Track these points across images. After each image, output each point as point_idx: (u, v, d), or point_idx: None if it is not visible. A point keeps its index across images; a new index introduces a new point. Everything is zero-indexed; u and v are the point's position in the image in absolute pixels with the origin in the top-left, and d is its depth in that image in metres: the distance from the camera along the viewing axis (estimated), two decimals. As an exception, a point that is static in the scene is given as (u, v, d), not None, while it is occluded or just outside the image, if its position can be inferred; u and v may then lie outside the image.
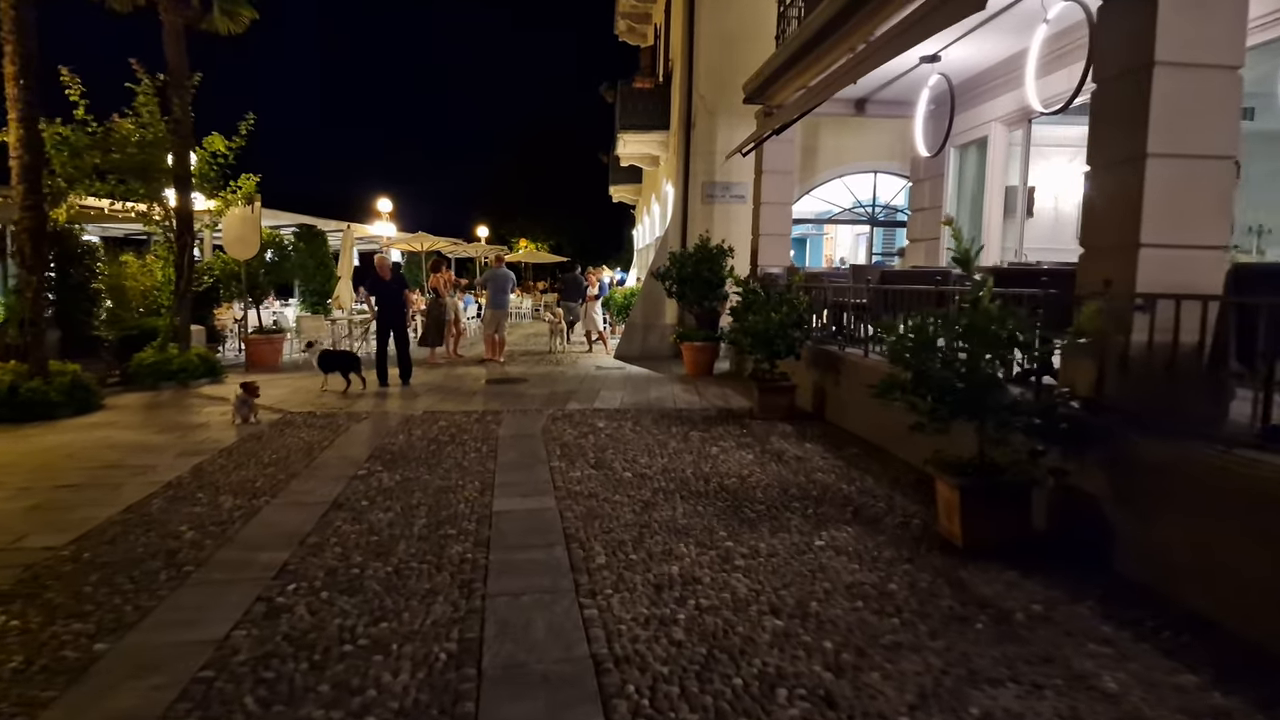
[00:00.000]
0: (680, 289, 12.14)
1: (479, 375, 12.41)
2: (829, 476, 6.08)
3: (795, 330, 8.06)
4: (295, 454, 7.02)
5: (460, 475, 6.23)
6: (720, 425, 8.15)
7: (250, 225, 13.17)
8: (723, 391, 10.50)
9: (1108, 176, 4.57)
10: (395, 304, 11.08)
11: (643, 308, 14.89)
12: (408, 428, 8.16)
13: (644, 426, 8.14)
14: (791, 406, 8.36)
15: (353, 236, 18.57)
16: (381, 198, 22.08)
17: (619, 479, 6.06)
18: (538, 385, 11.22)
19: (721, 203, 14.61)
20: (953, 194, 11.37)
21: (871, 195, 15.03)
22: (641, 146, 16.34)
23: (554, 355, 15.53)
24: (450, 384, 11.43)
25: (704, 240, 12.06)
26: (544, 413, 8.99)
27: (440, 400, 9.94)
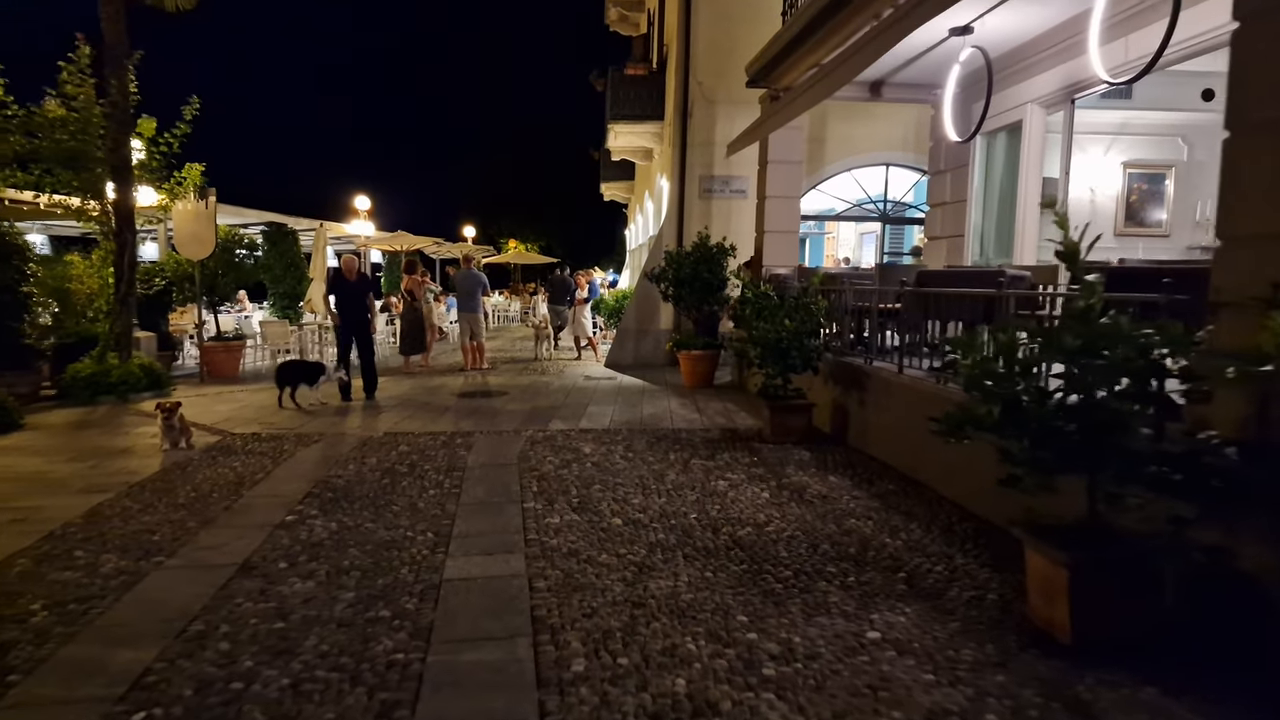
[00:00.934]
0: (677, 292, 11.01)
1: (455, 387, 11.24)
2: (865, 524, 4.94)
3: (813, 340, 6.94)
4: (220, 490, 5.84)
5: (412, 521, 5.07)
6: (726, 450, 7.01)
7: (204, 222, 11.97)
8: (725, 407, 9.36)
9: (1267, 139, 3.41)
10: (358, 308, 9.90)
11: (636, 312, 13.75)
12: (361, 454, 6.99)
13: (637, 452, 6.99)
14: (808, 428, 7.22)
15: (326, 236, 17.36)
16: (359, 195, 20.87)
17: (607, 528, 4.91)
18: (518, 399, 10.06)
19: (721, 198, 13.48)
20: (979, 187, 10.26)
21: (883, 190, 13.94)
22: (634, 139, 15.23)
23: (539, 363, 14.37)
24: (421, 397, 10.25)
25: (703, 238, 10.94)
26: (522, 434, 7.83)
27: (406, 418, 8.76)
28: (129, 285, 10.60)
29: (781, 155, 10.53)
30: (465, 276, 13.26)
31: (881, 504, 5.36)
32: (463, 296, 13.20)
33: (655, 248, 13.70)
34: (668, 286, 11.18)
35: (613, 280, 29.74)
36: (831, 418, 7.48)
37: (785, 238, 10.71)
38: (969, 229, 10.30)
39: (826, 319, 7.13)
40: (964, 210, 10.36)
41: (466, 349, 13.27)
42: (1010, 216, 9.60)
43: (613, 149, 17.38)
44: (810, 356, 6.89)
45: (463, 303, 13.22)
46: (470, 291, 13.16)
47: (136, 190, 11.79)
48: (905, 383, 6.10)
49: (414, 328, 13.29)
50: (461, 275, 13.32)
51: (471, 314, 13.19)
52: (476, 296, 13.24)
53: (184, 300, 13.18)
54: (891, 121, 13.38)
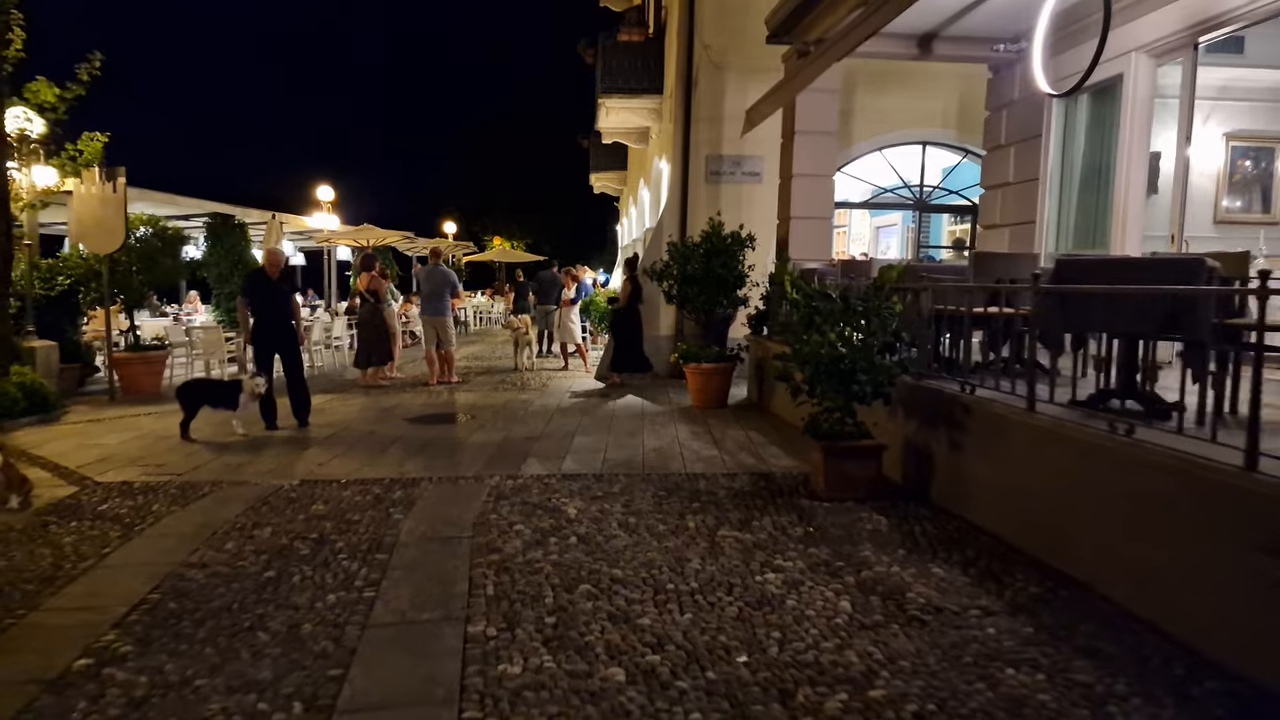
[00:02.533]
0: (683, 291, 9.04)
1: (414, 407, 9.22)
2: (1035, 681, 2.97)
3: (887, 357, 4.98)
4: (10, 593, 3.82)
5: (278, 672, 3.07)
6: (765, 510, 5.04)
7: (112, 208, 9.92)
8: (748, 437, 7.39)
9: None
10: (281, 313, 7.88)
11: (631, 315, 11.75)
12: (254, 520, 4.98)
13: (642, 514, 5.01)
14: (876, 478, 5.26)
15: (280, 229, 15.29)
16: (322, 185, 18.79)
17: (601, 691, 2.92)
18: (488, 424, 8.05)
19: (732, 182, 11.53)
20: (1055, 163, 8.34)
21: (919, 173, 12.01)
22: (628, 116, 13.27)
23: (519, 375, 12.36)
24: (366, 422, 8.22)
25: (716, 226, 8.96)
26: (485, 482, 5.84)
27: (338, 455, 6.75)
28: (3, 285, 8.53)
29: (812, 123, 8.59)
30: (431, 274, 11.25)
31: (1036, 627, 3.39)
32: (428, 298, 11.19)
33: (653, 241, 11.73)
34: (672, 285, 9.21)
35: (603, 280, 27.73)
36: (904, 462, 5.52)
37: (816, 225, 8.77)
38: (1043, 215, 8.38)
39: (903, 328, 5.14)
40: (1034, 192, 8.43)
41: (432, 359, 11.25)
42: (1102, 199, 7.68)
43: (604, 130, 15.37)
44: (883, 381, 4.93)
45: (428, 305, 11.21)
46: (436, 291, 11.14)
47: (26, 169, 9.75)
48: (1041, 425, 4.14)
49: (375, 334, 11.26)
50: (427, 273, 11.30)
51: (438, 318, 11.18)
52: (444, 298, 11.23)
53: (93, 302, 11.08)
54: (930, 92, 11.45)
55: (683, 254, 8.90)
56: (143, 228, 10.67)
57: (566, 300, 12.85)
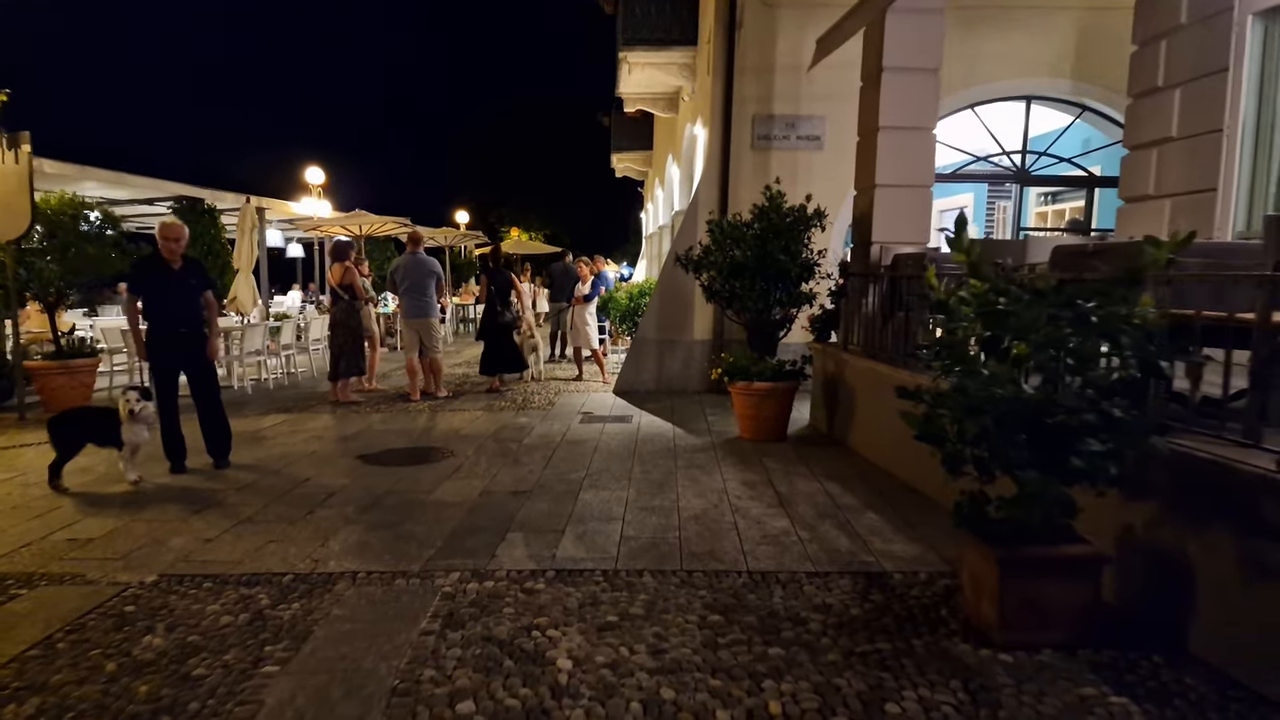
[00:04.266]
0: (728, 285, 6.84)
1: (378, 434, 7.14)
2: None
3: (1126, 407, 2.76)
4: None
5: None
6: (896, 670, 2.87)
7: (14, 184, 7.98)
8: (825, 492, 5.20)
9: None
10: (185, 316, 5.82)
11: (658, 314, 9.61)
12: (23, 675, 2.90)
13: (684, 670, 2.87)
14: (1090, 608, 3.05)
15: (253, 215, 13.28)
16: (311, 167, 16.80)
17: None
18: (467, 467, 5.93)
19: (784, 147, 9.30)
20: (1249, 107, 6.04)
21: (1021, 136, 9.66)
22: (655, 75, 11.08)
23: (523, 386, 10.26)
24: (308, 461, 6.13)
25: (774, 197, 6.71)
26: (434, 583, 3.73)
27: (242, 521, 4.66)
28: None
29: (907, 56, 6.35)
30: (412, 266, 9.16)
31: None
32: (408, 294, 9.11)
33: (685, 225, 9.55)
34: (714, 277, 7.01)
35: (626, 274, 25.55)
36: (1131, 578, 3.30)
37: (911, 197, 6.54)
38: (1231, 181, 6.08)
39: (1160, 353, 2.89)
40: (1214, 151, 6.13)
41: (414, 369, 9.18)
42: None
43: (626, 96, 13.18)
44: (1125, 446, 2.72)
45: (408, 303, 9.14)
46: (418, 286, 9.07)
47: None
48: None
49: (349, 339, 9.20)
50: (405, 264, 9.21)
51: (420, 319, 9.11)
52: (428, 293, 9.15)
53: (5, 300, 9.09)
54: (1038, 31, 9.11)
55: (729, 236, 6.69)
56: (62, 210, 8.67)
57: (580, 296, 10.72)
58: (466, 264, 24.30)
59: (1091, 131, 10.03)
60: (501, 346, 9.86)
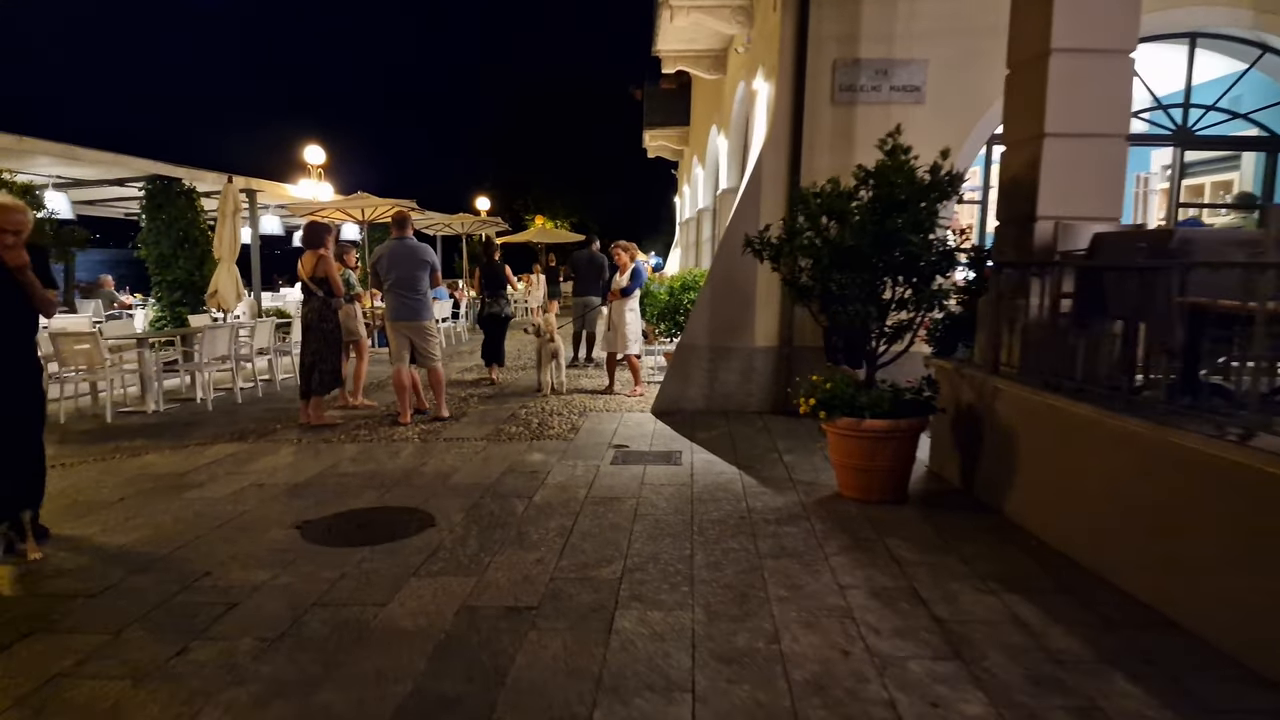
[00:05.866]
0: (821, 274, 4.75)
1: (347, 476, 5.25)
2: None
3: None
4: None
5: None
6: None
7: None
8: (1016, 621, 3.18)
9: None
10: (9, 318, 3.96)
11: (709, 314, 7.63)
12: None
13: None
14: None
15: (237, 198, 11.48)
16: (310, 145, 15.00)
17: None
18: (445, 552, 3.99)
19: (874, 101, 7.25)
20: None
21: (1183, 84, 7.47)
22: (702, 20, 8.99)
23: (542, 401, 8.34)
24: (216, 535, 4.22)
25: (898, 150, 4.59)
26: None
27: (56, 680, 2.77)
28: None
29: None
30: (400, 253, 7.28)
31: None
32: (396, 288, 7.23)
33: (744, 203, 7.54)
34: (796, 268, 4.96)
35: (655, 264, 23.50)
36: None
37: (1098, 151, 4.46)
38: None
39: None
40: None
41: (403, 384, 7.32)
42: None
43: (665, 54, 11.10)
44: None
45: (396, 300, 7.25)
46: (408, 279, 7.18)
47: None
48: None
49: (322, 344, 7.36)
50: (391, 252, 7.30)
51: (413, 322, 7.23)
52: (420, 288, 7.26)
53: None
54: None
55: (829, 209, 4.64)
56: None
57: (617, 289, 8.70)
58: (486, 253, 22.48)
59: (1264, 84, 7.80)
60: (491, 338, 10.13)
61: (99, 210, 14.85)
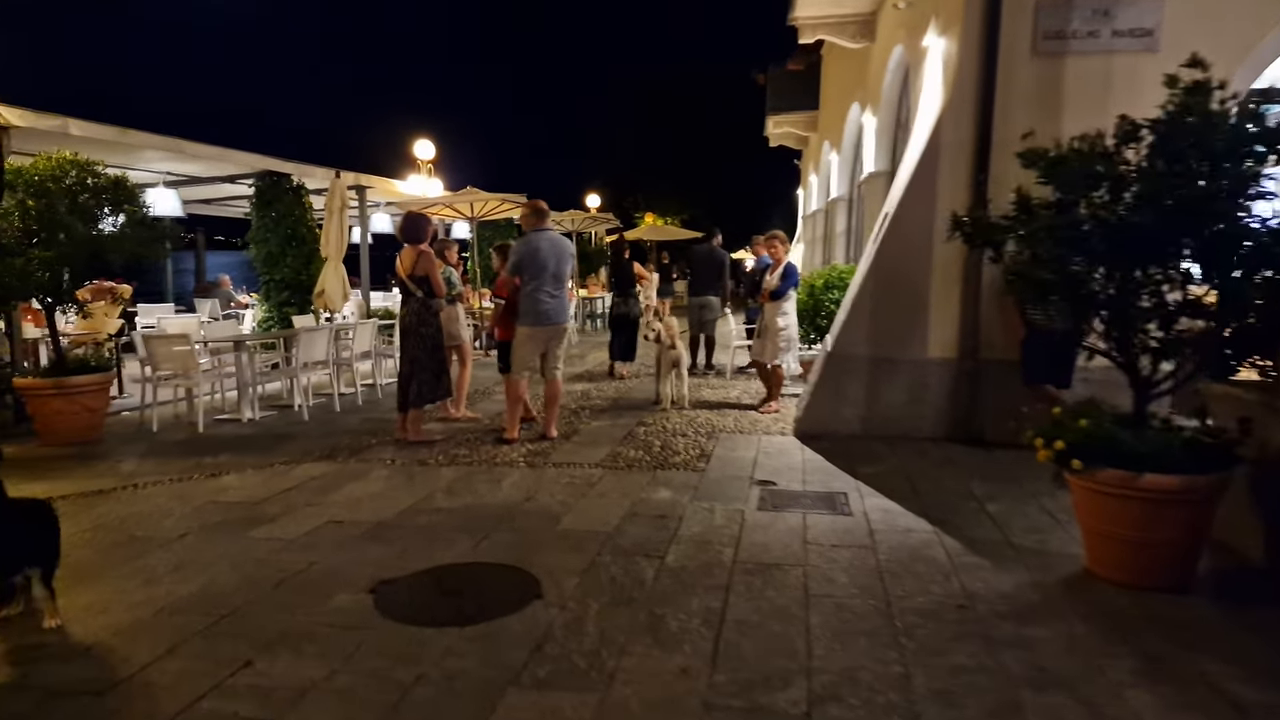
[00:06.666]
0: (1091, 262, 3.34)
1: (444, 513, 4.30)
2: None
3: None
4: None
5: None
6: None
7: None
8: None
9: None
10: None
11: (869, 318, 6.31)
12: None
13: None
14: None
15: (343, 191, 11.01)
16: (420, 139, 14.54)
17: None
18: (555, 645, 2.90)
19: (1089, 50, 5.75)
20: None
21: None
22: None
23: (662, 417, 7.23)
24: (270, 602, 3.31)
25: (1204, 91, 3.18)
26: None
27: None
28: None
29: None
30: (556, 244, 6.34)
31: None
32: (549, 285, 6.27)
33: (917, 181, 6.18)
34: (1027, 258, 3.61)
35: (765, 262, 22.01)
36: None
37: None
38: None
39: None
40: None
41: (520, 398, 6.46)
42: None
43: (803, 22, 9.68)
44: None
45: (548, 300, 6.25)
46: (561, 277, 6.34)
47: None
48: None
49: (424, 350, 6.55)
50: (549, 243, 6.28)
51: (561, 324, 6.36)
52: (563, 286, 6.32)
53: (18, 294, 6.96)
54: None
55: (1098, 172, 3.22)
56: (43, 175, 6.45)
57: (768, 290, 7.42)
58: (597, 251, 21.57)
59: None
60: (620, 338, 9.97)
61: (217, 209, 14.88)
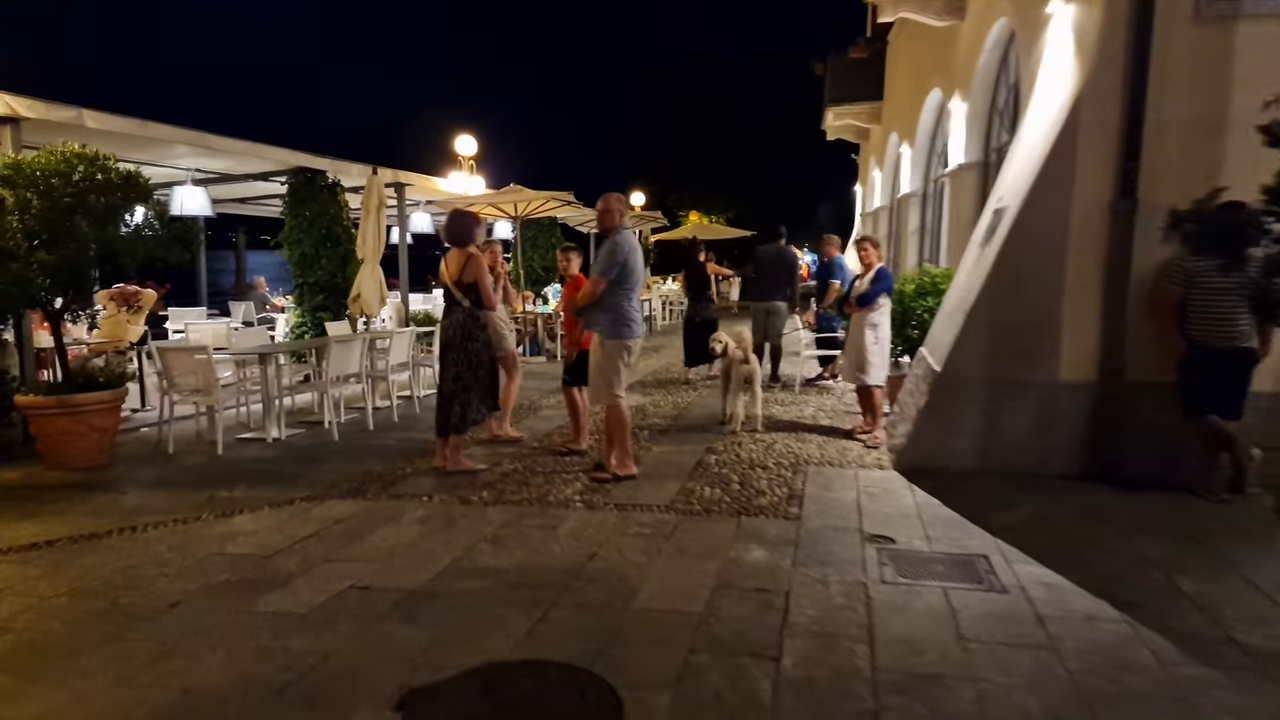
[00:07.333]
0: None
1: (479, 580, 3.46)
2: None
3: None
4: None
5: None
6: None
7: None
8: None
9: None
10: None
11: (983, 329, 5.32)
12: None
13: None
14: None
15: (381, 190, 10.32)
16: (462, 135, 13.83)
17: None
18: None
19: (1264, 10, 4.71)
20: None
21: None
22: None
23: (729, 448, 6.30)
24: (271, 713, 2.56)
25: None
26: None
27: None
28: None
29: None
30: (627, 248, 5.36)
31: None
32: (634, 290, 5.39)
33: (1050, 173, 5.17)
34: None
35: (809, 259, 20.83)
36: None
37: None
38: None
39: None
40: None
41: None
42: None
43: (882, -3, 8.75)
44: None
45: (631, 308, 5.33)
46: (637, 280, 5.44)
47: None
48: None
49: (468, 366, 5.73)
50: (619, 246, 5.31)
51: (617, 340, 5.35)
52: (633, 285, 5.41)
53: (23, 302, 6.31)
54: None
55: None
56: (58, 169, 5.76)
57: (855, 297, 6.38)
58: (645, 251, 20.81)
59: None
60: (694, 342, 9.30)
61: (253, 209, 14.32)
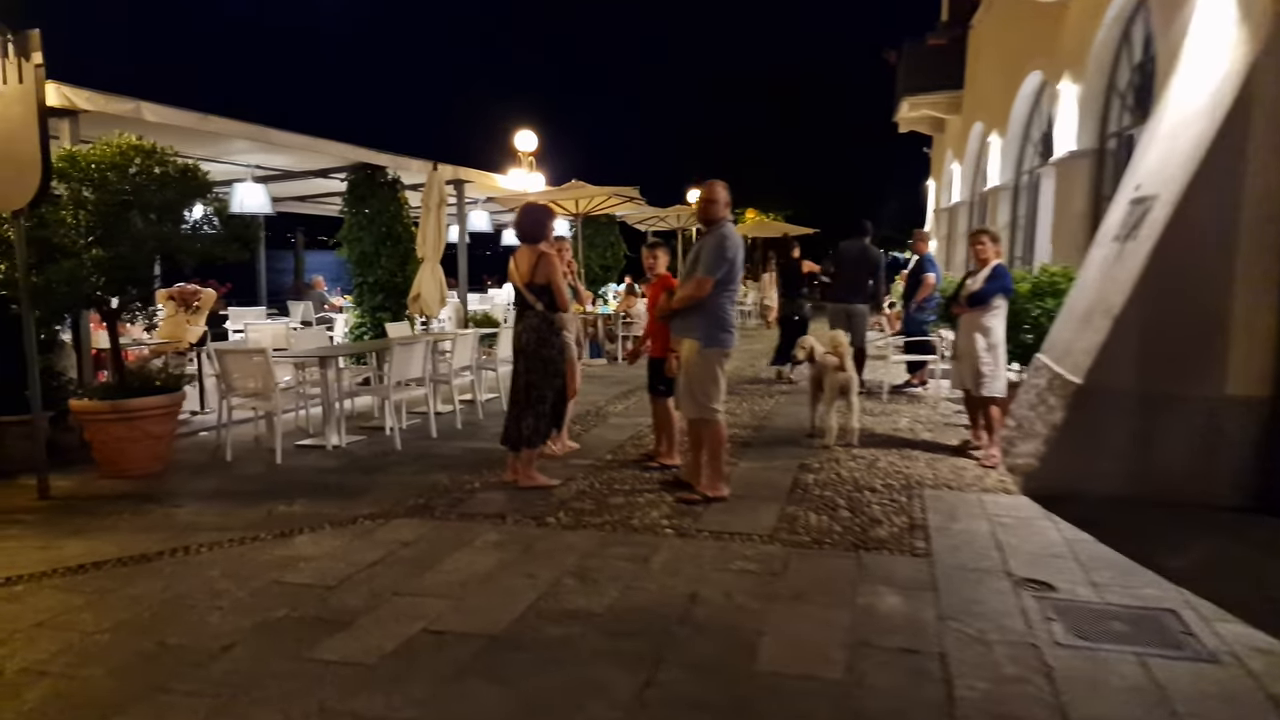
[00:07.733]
0: None
1: (569, 626, 2.94)
2: None
3: None
4: None
5: None
6: None
7: (18, 117, 4.89)
8: None
9: None
10: None
11: (1133, 336, 4.61)
12: None
13: None
14: None
15: (442, 188, 9.96)
16: (522, 130, 13.43)
17: None
18: None
19: None
20: None
21: None
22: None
23: (827, 466, 5.69)
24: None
25: None
26: None
27: None
28: None
29: None
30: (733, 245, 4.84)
31: None
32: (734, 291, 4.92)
33: (1214, 158, 4.45)
34: None
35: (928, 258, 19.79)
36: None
37: None
38: None
39: None
40: None
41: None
42: None
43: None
44: None
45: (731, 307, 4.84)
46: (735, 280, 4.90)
47: None
48: None
49: (545, 377, 5.26)
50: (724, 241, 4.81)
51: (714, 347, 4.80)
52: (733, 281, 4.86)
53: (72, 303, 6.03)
54: None
55: None
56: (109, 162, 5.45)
57: (965, 298, 5.70)
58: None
59: None
60: (791, 341, 8.96)
61: (313, 207, 14.17)
